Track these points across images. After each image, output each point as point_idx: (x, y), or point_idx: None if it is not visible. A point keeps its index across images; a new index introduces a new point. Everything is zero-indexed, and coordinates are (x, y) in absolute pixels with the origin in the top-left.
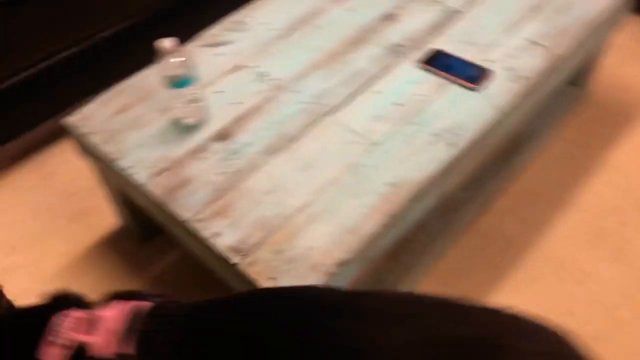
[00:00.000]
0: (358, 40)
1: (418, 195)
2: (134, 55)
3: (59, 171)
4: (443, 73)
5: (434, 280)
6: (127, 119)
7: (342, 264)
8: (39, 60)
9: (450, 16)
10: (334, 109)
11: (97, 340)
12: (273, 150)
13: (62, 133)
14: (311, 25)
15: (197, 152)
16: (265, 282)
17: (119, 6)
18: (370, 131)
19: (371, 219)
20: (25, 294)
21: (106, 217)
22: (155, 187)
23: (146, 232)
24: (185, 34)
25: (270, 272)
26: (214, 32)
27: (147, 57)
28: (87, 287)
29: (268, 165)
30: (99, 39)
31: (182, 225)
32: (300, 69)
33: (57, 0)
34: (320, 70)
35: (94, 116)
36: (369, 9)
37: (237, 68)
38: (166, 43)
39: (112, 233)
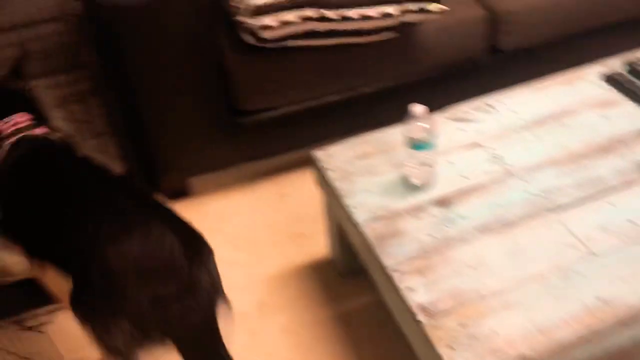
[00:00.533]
0: (605, 148)
1: (629, 320)
2: (384, 111)
3: (293, 194)
4: None
5: None
6: (363, 165)
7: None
8: (308, 98)
9: None
10: (560, 208)
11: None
12: (487, 229)
13: (306, 163)
14: (559, 123)
15: (416, 210)
16: (443, 349)
17: (380, 71)
18: (593, 240)
19: (568, 327)
20: (237, 289)
21: (319, 245)
22: (370, 230)
23: (348, 269)
24: (435, 104)
25: (450, 341)
26: (463, 108)
27: (396, 115)
28: (285, 299)
29: (478, 242)
30: (359, 92)
31: (382, 271)
32: (536, 161)
33: (331, 57)
34: (557, 167)
35: (337, 156)
36: (625, 120)
37: (474, 145)
38: (417, 108)
39: (319, 260)
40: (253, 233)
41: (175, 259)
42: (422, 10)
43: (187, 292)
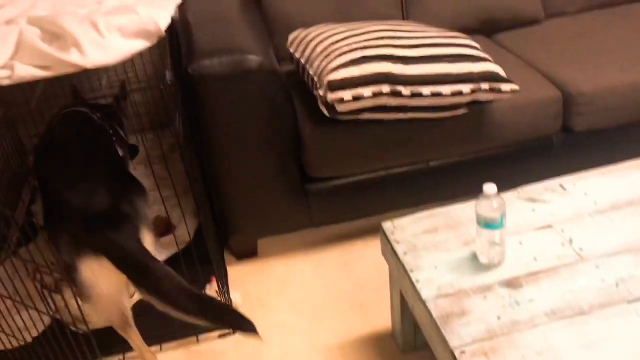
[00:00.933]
0: None
1: None
2: (453, 186)
3: (357, 262)
4: None
5: None
6: (431, 240)
7: None
8: (377, 169)
9: None
10: (638, 300)
11: None
12: (557, 315)
13: (371, 232)
14: (637, 209)
15: (483, 290)
16: None
17: (450, 146)
18: None
19: None
20: (294, 353)
21: (381, 317)
22: (435, 307)
23: (410, 345)
24: (505, 182)
25: None
26: (535, 189)
27: (464, 191)
28: None
29: (547, 328)
30: (429, 166)
31: (447, 350)
32: (612, 248)
33: (402, 130)
34: (634, 255)
35: (405, 228)
36: None
37: (545, 227)
38: (490, 187)
39: (380, 333)
40: (315, 299)
41: (104, 201)
42: (494, 90)
43: (110, 223)
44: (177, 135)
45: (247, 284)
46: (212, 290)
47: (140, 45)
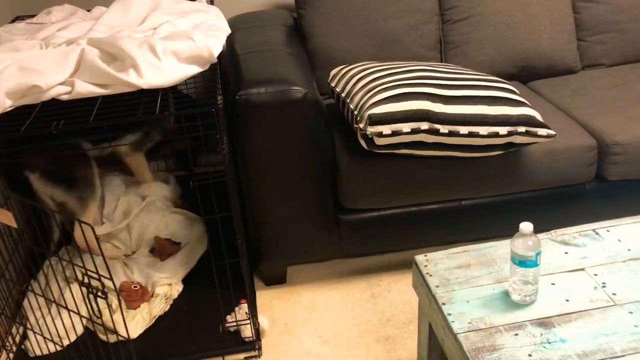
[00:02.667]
0: None
1: None
2: (485, 224)
3: (384, 295)
4: None
5: None
6: (464, 275)
7: None
8: (410, 204)
9: None
10: None
11: None
12: (589, 358)
13: (400, 266)
14: None
15: (514, 327)
16: None
17: (483, 185)
18: None
19: None
20: None
21: (406, 351)
22: (466, 341)
23: None
24: (538, 224)
25: None
26: (569, 231)
27: (496, 229)
28: None
29: None
30: (461, 204)
31: None
32: None
33: (436, 167)
34: None
35: (438, 262)
36: None
37: (578, 270)
38: (526, 225)
39: None
40: (341, 329)
41: None
42: (531, 134)
43: None
44: (224, 156)
45: (274, 309)
46: (241, 312)
47: (194, 69)
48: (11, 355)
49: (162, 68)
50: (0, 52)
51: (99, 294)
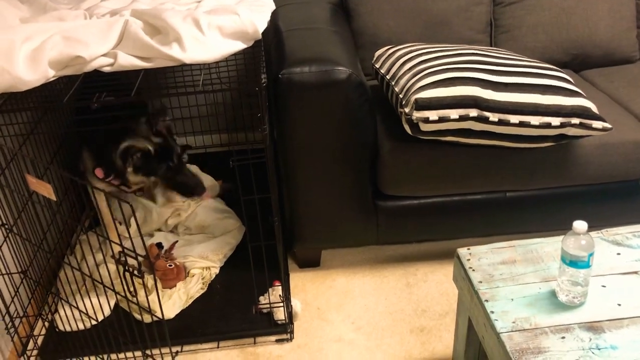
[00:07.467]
0: None
1: None
2: (529, 218)
3: (419, 285)
4: None
5: None
6: (509, 272)
7: None
8: (452, 193)
9: None
10: None
11: None
12: None
13: (438, 256)
14: None
15: (561, 330)
16: None
17: (531, 178)
18: None
19: None
20: None
21: (441, 344)
22: (509, 341)
23: None
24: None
25: None
26: (621, 231)
27: (540, 224)
28: None
29: None
30: (506, 195)
31: None
32: None
33: (483, 156)
34: None
35: (481, 257)
36: None
37: (631, 273)
38: (580, 224)
39: (440, 359)
40: (375, 317)
41: None
42: (585, 126)
43: None
44: (265, 136)
45: (307, 292)
46: (274, 294)
47: (238, 45)
48: (46, 324)
49: (206, 43)
50: (44, 21)
51: (135, 272)
